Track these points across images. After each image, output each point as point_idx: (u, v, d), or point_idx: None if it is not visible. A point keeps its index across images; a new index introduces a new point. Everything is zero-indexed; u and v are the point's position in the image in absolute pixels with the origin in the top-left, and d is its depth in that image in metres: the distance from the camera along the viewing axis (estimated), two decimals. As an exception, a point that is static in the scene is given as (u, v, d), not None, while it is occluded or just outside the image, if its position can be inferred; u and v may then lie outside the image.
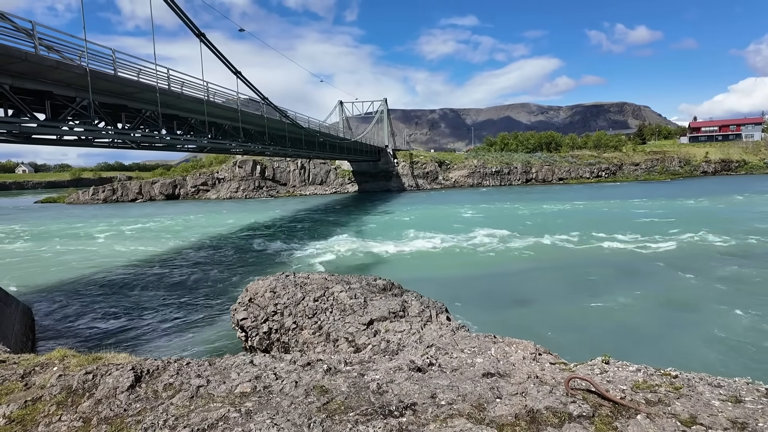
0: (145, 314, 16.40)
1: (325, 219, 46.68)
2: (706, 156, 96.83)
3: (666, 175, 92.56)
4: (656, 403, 4.21)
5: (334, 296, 11.71)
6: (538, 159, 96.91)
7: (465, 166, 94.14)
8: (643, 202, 50.23)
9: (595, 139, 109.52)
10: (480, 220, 39.37)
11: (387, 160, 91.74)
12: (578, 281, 19.33)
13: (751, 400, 4.44)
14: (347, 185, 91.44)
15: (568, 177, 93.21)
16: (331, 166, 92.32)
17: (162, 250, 30.69)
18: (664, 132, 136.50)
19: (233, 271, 23.61)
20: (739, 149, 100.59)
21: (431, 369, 5.13)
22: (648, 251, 24.74)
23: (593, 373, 5.22)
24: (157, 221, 49.88)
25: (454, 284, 19.77)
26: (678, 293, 17.11)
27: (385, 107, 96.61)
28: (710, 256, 22.70)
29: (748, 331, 13.07)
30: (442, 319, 10.78)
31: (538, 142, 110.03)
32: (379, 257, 25.84)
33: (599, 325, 14.27)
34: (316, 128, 52.75)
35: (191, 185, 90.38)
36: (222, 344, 13.01)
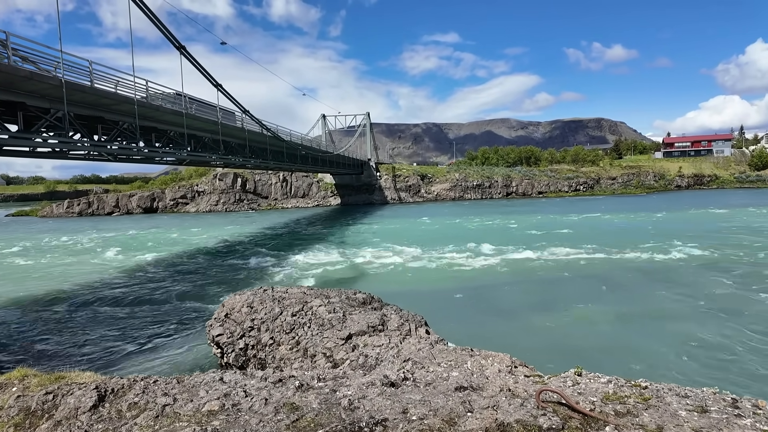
0: (116, 331, 15.92)
1: (306, 232, 46.39)
2: (680, 171, 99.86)
3: (642, 189, 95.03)
4: (625, 414, 4.25)
5: (312, 310, 11.58)
6: (518, 173, 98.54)
7: (447, 180, 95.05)
8: (619, 215, 51.38)
9: (573, 154, 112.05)
10: (462, 234, 39.64)
11: (370, 173, 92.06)
12: (557, 293, 19.56)
13: (717, 410, 4.52)
14: (330, 198, 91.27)
15: (548, 191, 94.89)
16: (313, 179, 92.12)
17: (136, 265, 29.99)
18: (640, 147, 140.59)
19: (210, 286, 23.18)
20: (711, 164, 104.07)
21: (405, 384, 5.09)
22: (622, 263, 25.24)
23: (565, 385, 5.26)
24: (133, 235, 48.84)
25: (435, 297, 19.78)
26: (650, 304, 17.44)
27: (367, 121, 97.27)
28: (680, 268, 23.27)
29: (717, 341, 13.36)
30: (422, 332, 10.74)
31: (518, 156, 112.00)
32: (361, 270, 25.73)
33: (576, 336, 14.42)
34: (299, 141, 52.71)
35: (170, 198, 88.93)
36: (196, 361, 12.70)
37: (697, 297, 18.07)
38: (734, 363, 11.98)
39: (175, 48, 22.04)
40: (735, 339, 13.49)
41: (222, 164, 44.25)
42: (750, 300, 17.34)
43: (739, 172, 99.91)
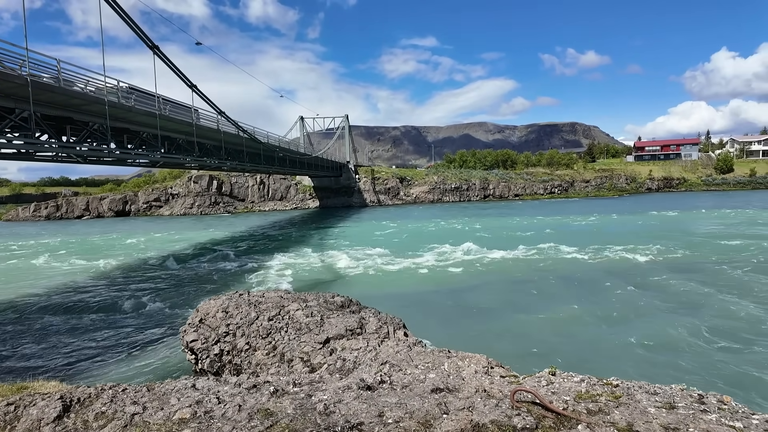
0: (83, 339, 15.40)
1: (284, 235, 45.92)
2: (650, 174, 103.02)
3: (614, 191, 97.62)
4: (597, 412, 4.33)
5: (289, 315, 11.45)
6: (495, 176, 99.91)
7: (426, 183, 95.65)
8: (592, 217, 52.61)
9: (548, 157, 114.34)
10: (440, 236, 39.92)
11: (349, 175, 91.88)
12: (533, 293, 19.86)
13: (684, 405, 4.65)
14: (308, 201, 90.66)
15: (524, 193, 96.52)
16: (291, 181, 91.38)
17: (106, 270, 29.12)
18: (612, 151, 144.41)
19: (184, 291, 22.68)
20: (679, 168, 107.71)
21: (381, 387, 5.07)
22: (594, 264, 25.84)
23: (540, 385, 5.33)
24: (104, 239, 47.43)
25: (414, 299, 19.83)
26: (620, 303, 17.89)
27: (346, 123, 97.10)
28: (649, 268, 23.95)
29: (684, 339, 13.79)
30: (400, 335, 10.74)
31: (495, 159, 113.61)
32: (339, 273, 25.61)
33: (551, 335, 14.66)
34: (276, 143, 52.19)
35: (143, 201, 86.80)
36: (169, 369, 12.38)
37: (664, 296, 18.64)
38: (700, 360, 12.39)
39: (149, 48, 21.56)
40: (701, 336, 13.95)
41: (197, 166, 43.44)
42: (713, 298, 17.98)
43: (705, 175, 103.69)
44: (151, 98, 26.82)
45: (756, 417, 4.45)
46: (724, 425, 4.13)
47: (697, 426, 4.04)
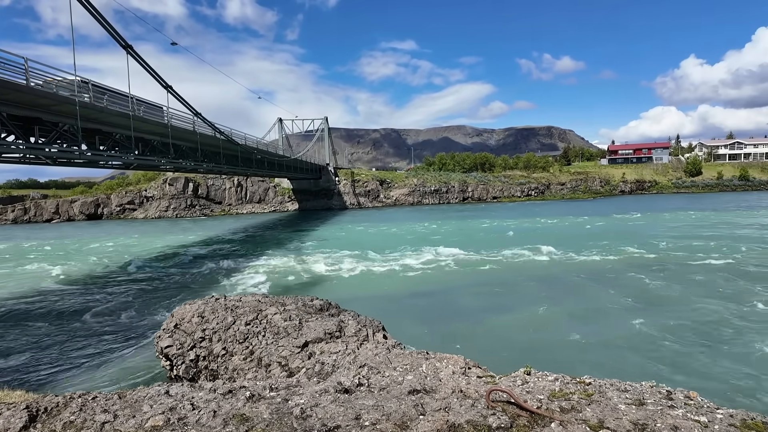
0: (53, 346, 14.90)
1: (262, 238, 45.39)
2: (623, 177, 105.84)
3: (589, 194, 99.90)
4: (569, 410, 4.43)
5: (267, 319, 11.34)
6: (473, 179, 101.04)
7: (405, 185, 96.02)
8: (567, 218, 53.75)
9: (525, 160, 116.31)
10: (420, 238, 40.12)
11: (328, 178, 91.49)
12: (510, 294, 20.15)
13: (653, 402, 4.80)
14: (287, 203, 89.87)
15: (502, 196, 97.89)
16: (270, 183, 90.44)
17: (77, 275, 28.25)
18: (587, 154, 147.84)
19: (158, 296, 22.18)
20: (651, 170, 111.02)
21: (359, 390, 5.07)
22: (568, 264, 26.39)
23: (515, 385, 5.42)
24: (74, 242, 45.99)
25: (393, 301, 19.86)
26: (593, 303, 18.33)
27: (326, 125, 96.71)
28: (620, 268, 24.60)
29: (654, 336, 14.21)
30: (379, 337, 10.75)
31: (474, 162, 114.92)
32: (318, 277, 25.46)
33: (527, 335, 14.90)
34: (254, 145, 51.63)
35: (116, 204, 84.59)
36: (143, 376, 12.09)
37: (634, 295, 19.17)
38: (670, 356, 12.78)
39: (122, 47, 21.05)
40: (670, 334, 14.39)
41: (172, 168, 42.61)
42: (679, 297, 18.59)
43: (676, 178, 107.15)
44: (125, 99, 26.20)
45: (720, 411, 4.62)
46: (690, 420, 4.28)
47: (665, 421, 4.18)
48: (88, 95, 23.26)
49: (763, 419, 4.46)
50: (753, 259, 25.56)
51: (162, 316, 17.37)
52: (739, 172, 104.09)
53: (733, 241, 31.87)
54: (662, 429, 4.01)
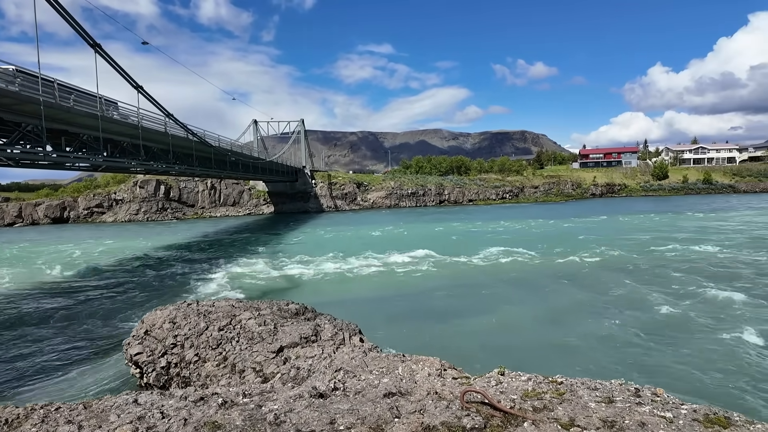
0: (15, 356, 14.26)
1: (236, 242, 44.65)
2: (594, 180, 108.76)
3: (561, 197, 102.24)
4: (542, 409, 4.51)
5: (241, 324, 11.15)
6: (450, 182, 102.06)
7: (383, 188, 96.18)
8: (539, 220, 54.86)
9: (499, 164, 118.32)
10: (397, 241, 40.22)
11: (305, 180, 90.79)
12: (484, 295, 20.40)
13: (621, 399, 4.93)
14: (262, 206, 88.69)
15: (477, 198, 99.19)
16: (244, 186, 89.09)
17: (40, 280, 27.15)
18: (559, 158, 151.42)
19: (128, 301, 21.52)
20: (621, 174, 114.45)
21: (334, 394, 5.04)
22: (541, 266, 26.94)
23: (489, 385, 5.48)
24: (38, 247, 44.19)
25: (370, 304, 19.83)
26: (566, 303, 18.74)
27: (302, 128, 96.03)
28: (591, 269, 25.26)
29: (623, 335, 14.63)
30: (356, 341, 10.71)
31: (450, 165, 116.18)
32: (294, 280, 25.19)
33: (502, 336, 15.11)
34: (228, 147, 50.83)
35: (84, 207, 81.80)
36: (112, 384, 11.69)
37: (604, 296, 19.71)
38: (637, 354, 13.17)
39: (90, 46, 20.41)
40: (639, 332, 14.84)
41: (143, 171, 41.49)
42: (647, 296, 19.20)
43: (644, 181, 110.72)
44: (92, 99, 25.41)
45: (684, 407, 4.79)
46: (656, 416, 4.41)
47: (632, 418, 4.30)
48: (53, 94, 22.44)
49: (725, 413, 4.65)
50: (713, 259, 26.65)
51: (131, 322, 16.86)
52: (703, 176, 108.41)
53: (696, 243, 33.14)
54: (630, 425, 4.13)
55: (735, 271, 23.39)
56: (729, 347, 13.43)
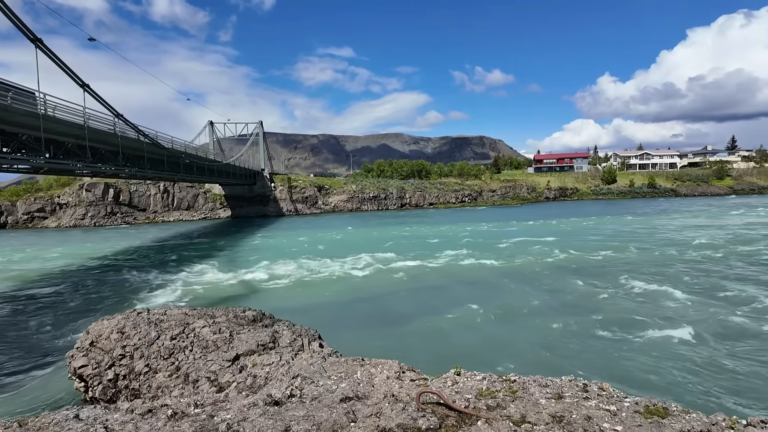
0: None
1: (190, 247, 43.13)
2: (548, 184, 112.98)
3: (517, 200, 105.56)
4: (495, 407, 4.63)
5: (195, 332, 10.77)
6: (411, 185, 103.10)
7: (344, 191, 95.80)
8: (495, 223, 56.41)
9: (459, 168, 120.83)
10: (357, 244, 40.14)
11: (263, 184, 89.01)
12: (444, 297, 20.71)
13: (570, 395, 5.13)
14: (219, 210, 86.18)
15: (438, 202, 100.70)
16: (200, 189, 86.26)
17: (-23, 291, 25.17)
18: (515, 163, 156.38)
19: (71, 311, 20.31)
20: (573, 179, 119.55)
21: (290, 401, 4.96)
22: (498, 267, 27.69)
23: (446, 386, 5.57)
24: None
25: (330, 309, 19.68)
26: (521, 303, 19.33)
27: (260, 130, 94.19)
28: (543, 270, 26.23)
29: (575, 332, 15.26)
30: (315, 346, 10.59)
31: (411, 169, 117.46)
32: (251, 286, 24.60)
33: (461, 336, 15.38)
34: (182, 149, 49.11)
35: (23, 212, 76.60)
36: (52, 400, 10.98)
37: (556, 295, 20.51)
38: (589, 350, 13.77)
39: (30, 41, 19.17)
40: (588, 329, 15.52)
41: (90, 173, 39.34)
42: (596, 295, 20.14)
43: (594, 185, 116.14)
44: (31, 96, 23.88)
45: (627, 400, 5.05)
46: (601, 409, 4.63)
47: (579, 412, 4.49)
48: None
49: (664, 404, 4.94)
50: (654, 259, 28.30)
51: (76, 333, 15.92)
52: (648, 181, 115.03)
53: (640, 243, 35.09)
54: (577, 420, 4.31)
55: (674, 270, 24.92)
56: (669, 342, 14.28)
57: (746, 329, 15.23)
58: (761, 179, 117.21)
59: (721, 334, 14.86)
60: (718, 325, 15.66)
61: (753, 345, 13.86)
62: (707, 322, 15.88)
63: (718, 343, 14.09)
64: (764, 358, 12.88)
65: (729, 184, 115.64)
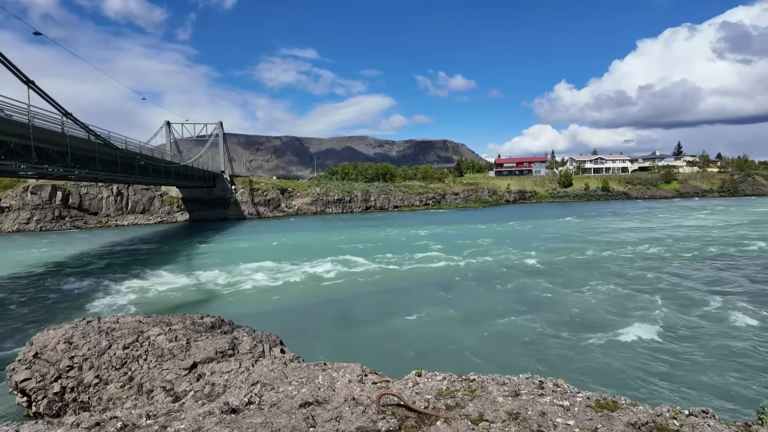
0: None
1: (146, 252, 41.46)
2: (508, 187, 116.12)
3: (479, 203, 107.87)
4: (454, 407, 4.70)
5: (149, 341, 10.36)
6: (376, 188, 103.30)
7: (308, 194, 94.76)
8: (457, 225, 57.45)
9: (423, 172, 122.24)
10: (320, 248, 39.81)
11: (224, 186, 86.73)
12: (408, 299, 20.85)
13: (527, 392, 5.28)
14: (176, 214, 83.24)
15: (402, 205, 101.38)
16: (156, 192, 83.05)
17: None
18: (477, 167, 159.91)
19: (13, 322, 19.06)
20: (531, 182, 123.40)
21: (248, 408, 4.85)
22: (459, 269, 28.22)
23: (406, 387, 5.60)
24: None
25: (293, 314, 19.40)
26: (482, 304, 19.78)
27: (220, 131, 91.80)
28: (503, 271, 26.95)
29: (534, 332, 15.74)
30: (276, 352, 10.42)
31: (376, 172, 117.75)
32: (210, 292, 23.89)
33: (424, 338, 15.54)
34: (136, 150, 47.18)
35: (-40, 216, 71.23)
36: (-9, 417, 10.26)
37: (515, 295, 21.12)
38: (545, 348, 14.23)
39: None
40: (547, 327, 16.04)
41: (35, 175, 37.10)
42: (555, 295, 20.87)
43: (552, 189, 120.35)
44: None
45: (580, 395, 5.24)
46: (556, 405, 4.79)
47: (535, 408, 4.62)
48: None
49: (613, 398, 5.16)
50: (607, 259, 29.63)
51: (17, 345, 14.95)
52: (602, 184, 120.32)
53: (595, 244, 36.64)
54: (532, 416, 4.44)
55: (624, 270, 26.17)
56: (621, 338, 14.98)
57: (689, 326, 16.19)
58: (704, 183, 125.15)
59: (667, 330, 15.73)
60: (664, 321, 16.57)
61: (695, 341, 14.75)
62: (655, 319, 16.77)
63: (665, 339, 14.91)
64: (705, 352, 13.73)
65: (675, 187, 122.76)
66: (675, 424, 4.38)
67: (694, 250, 32.28)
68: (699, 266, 26.65)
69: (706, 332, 15.39)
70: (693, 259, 29.15)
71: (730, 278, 23.21)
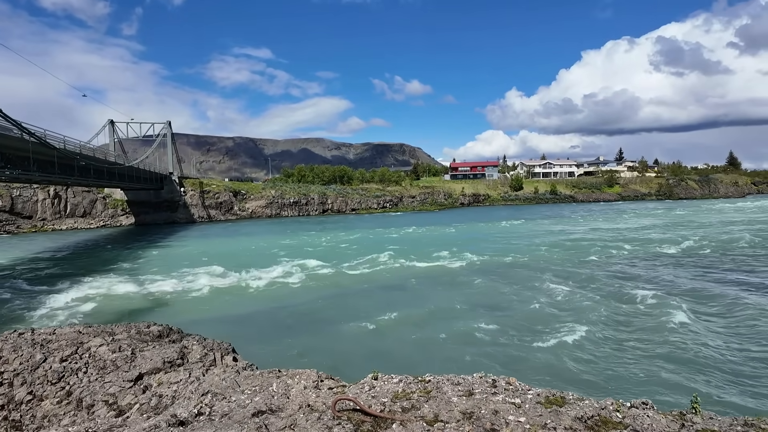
0: None
1: (86, 258, 39.01)
2: (463, 191, 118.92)
3: (435, 206, 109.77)
4: (410, 409, 4.73)
5: (90, 352, 9.74)
6: (333, 191, 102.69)
7: (263, 197, 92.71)
8: (414, 227, 58.19)
9: (380, 175, 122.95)
10: (275, 252, 39.03)
11: (172, 188, 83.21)
12: (363, 303, 20.86)
13: (480, 391, 5.39)
14: (121, 217, 78.99)
15: (360, 208, 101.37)
16: (98, 194, 78.43)
17: None
18: (433, 170, 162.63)
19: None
20: (485, 185, 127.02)
21: (197, 420, 4.66)
22: (416, 271, 28.59)
23: (363, 391, 5.58)
24: None
25: (245, 320, 18.88)
26: (438, 306, 20.11)
27: (168, 130, 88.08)
28: (458, 273, 27.57)
29: (490, 332, 16.17)
30: (228, 360, 10.10)
31: (333, 175, 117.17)
32: (158, 299, 22.80)
33: (381, 340, 15.58)
34: (76, 149, 44.41)
35: None
36: None
37: (471, 296, 21.64)
38: (500, 347, 14.65)
39: None
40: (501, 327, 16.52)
41: (-40, 175, 34.05)
42: (509, 296, 21.56)
43: (504, 192, 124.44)
44: None
45: (531, 392, 5.42)
46: (508, 403, 4.92)
47: (488, 407, 4.73)
48: None
49: (561, 394, 5.37)
50: (555, 260, 30.98)
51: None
52: (550, 188, 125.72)
53: (547, 245, 38.19)
54: (485, 414, 4.54)
55: (573, 271, 27.43)
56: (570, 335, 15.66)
57: (631, 323, 17.19)
58: (643, 187, 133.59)
59: (611, 327, 16.62)
60: (609, 319, 17.49)
61: (636, 336, 15.67)
62: (601, 317, 17.66)
63: (608, 335, 15.73)
64: (645, 346, 14.62)
65: (618, 191, 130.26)
66: (618, 416, 4.61)
67: (629, 251, 34.36)
68: (633, 264, 28.38)
69: (642, 326, 16.39)
70: (627, 257, 31.01)
71: (659, 276, 24.88)
